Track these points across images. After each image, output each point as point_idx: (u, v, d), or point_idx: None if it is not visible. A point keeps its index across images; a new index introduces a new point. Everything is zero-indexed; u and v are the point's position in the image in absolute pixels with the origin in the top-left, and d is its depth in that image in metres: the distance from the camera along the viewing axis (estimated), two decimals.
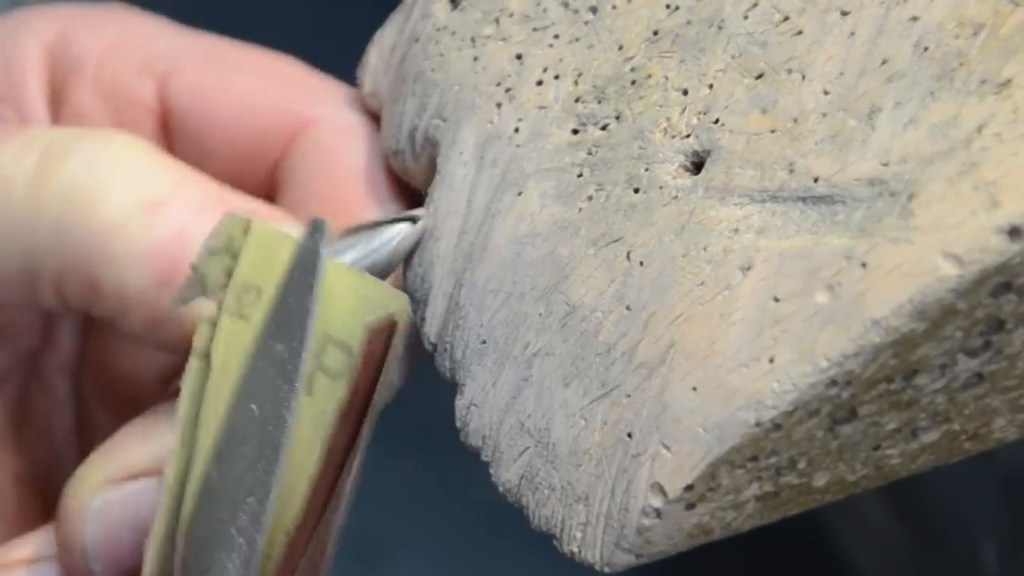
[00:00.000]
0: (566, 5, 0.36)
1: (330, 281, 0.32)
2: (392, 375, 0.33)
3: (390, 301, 0.33)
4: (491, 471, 0.33)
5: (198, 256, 0.33)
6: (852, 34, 0.32)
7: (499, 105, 0.36)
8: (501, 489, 0.33)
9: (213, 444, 0.31)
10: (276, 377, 0.31)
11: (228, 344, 0.32)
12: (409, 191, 0.39)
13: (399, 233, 0.36)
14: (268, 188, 0.39)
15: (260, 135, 0.38)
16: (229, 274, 0.32)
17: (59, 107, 0.39)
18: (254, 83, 0.39)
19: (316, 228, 0.32)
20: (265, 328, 0.32)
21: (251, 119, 0.39)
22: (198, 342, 0.32)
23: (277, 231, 0.33)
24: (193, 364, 0.32)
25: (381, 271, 0.35)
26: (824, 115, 0.31)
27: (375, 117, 0.40)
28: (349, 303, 0.33)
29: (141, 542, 0.33)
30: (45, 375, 0.40)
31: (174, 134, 0.39)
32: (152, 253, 0.34)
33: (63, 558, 0.34)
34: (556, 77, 0.36)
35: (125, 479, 0.34)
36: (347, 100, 0.40)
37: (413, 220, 0.36)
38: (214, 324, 0.32)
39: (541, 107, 0.35)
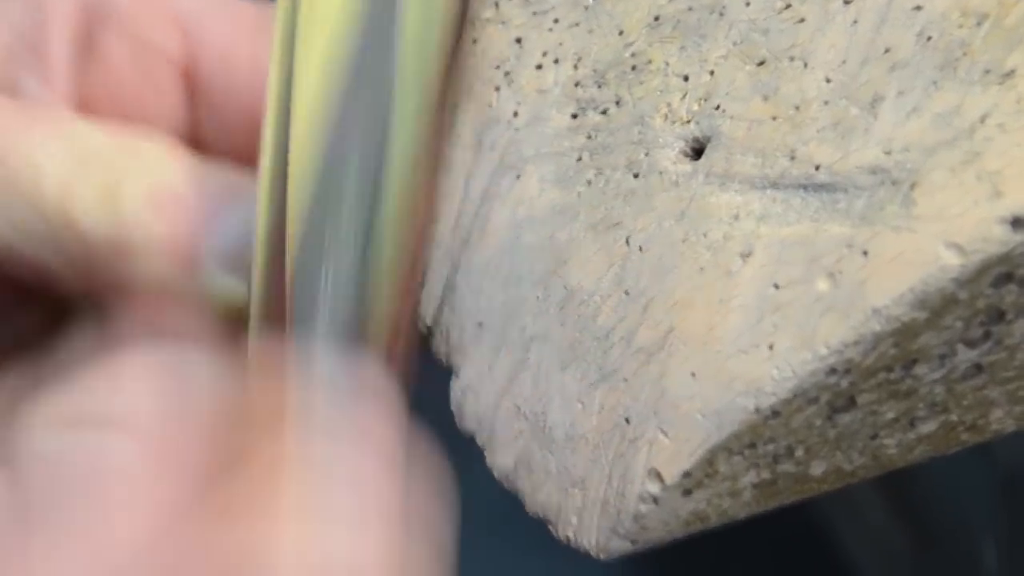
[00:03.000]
0: None
1: None
2: None
3: None
4: (486, 455, 0.33)
5: None
6: (855, 22, 0.32)
7: (498, 89, 0.36)
8: (496, 474, 0.33)
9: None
10: None
11: None
12: None
13: None
14: None
15: None
16: None
17: (87, 56, 0.38)
18: None
19: None
20: None
21: None
22: None
23: None
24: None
25: None
26: (826, 103, 0.31)
27: None
28: None
29: None
30: None
31: (199, 98, 0.38)
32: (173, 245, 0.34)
33: None
34: (556, 61, 0.35)
35: None
36: None
37: None
38: None
39: (540, 91, 0.35)
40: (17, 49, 0.38)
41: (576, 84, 0.35)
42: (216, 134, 0.38)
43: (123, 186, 0.34)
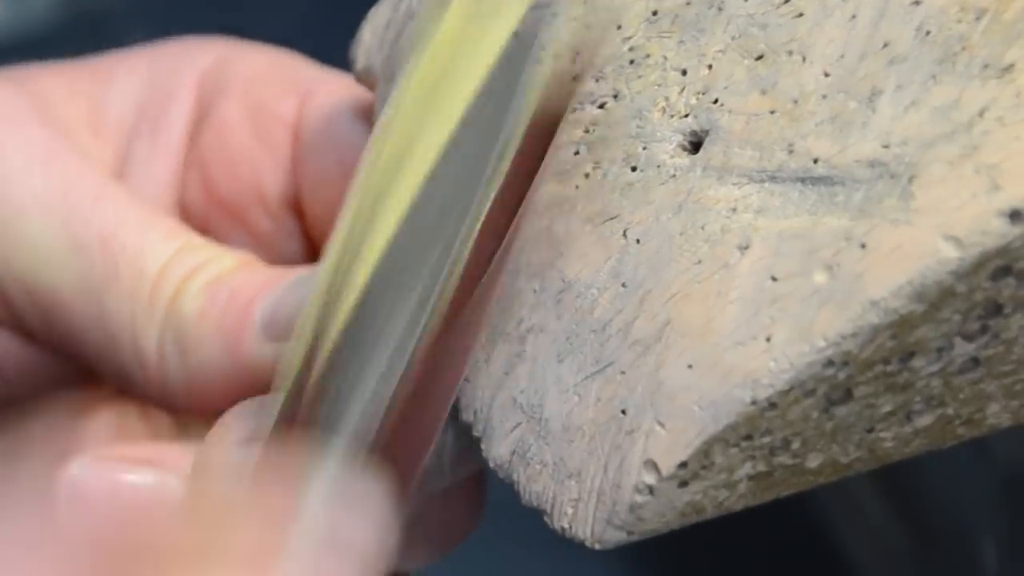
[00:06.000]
0: None
1: None
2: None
3: None
4: (482, 446, 0.33)
5: None
6: (853, 17, 0.32)
7: None
8: (492, 464, 0.33)
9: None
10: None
11: None
12: None
13: None
14: None
15: None
16: None
17: (203, 121, 0.42)
18: None
19: None
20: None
21: None
22: None
23: None
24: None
25: None
26: (824, 97, 0.31)
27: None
28: None
29: None
30: None
31: (300, 151, 0.41)
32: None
33: None
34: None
35: None
36: None
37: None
38: None
39: None
40: (135, 122, 0.42)
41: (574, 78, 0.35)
42: (314, 188, 0.40)
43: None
